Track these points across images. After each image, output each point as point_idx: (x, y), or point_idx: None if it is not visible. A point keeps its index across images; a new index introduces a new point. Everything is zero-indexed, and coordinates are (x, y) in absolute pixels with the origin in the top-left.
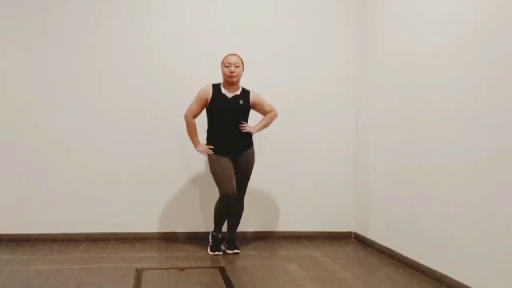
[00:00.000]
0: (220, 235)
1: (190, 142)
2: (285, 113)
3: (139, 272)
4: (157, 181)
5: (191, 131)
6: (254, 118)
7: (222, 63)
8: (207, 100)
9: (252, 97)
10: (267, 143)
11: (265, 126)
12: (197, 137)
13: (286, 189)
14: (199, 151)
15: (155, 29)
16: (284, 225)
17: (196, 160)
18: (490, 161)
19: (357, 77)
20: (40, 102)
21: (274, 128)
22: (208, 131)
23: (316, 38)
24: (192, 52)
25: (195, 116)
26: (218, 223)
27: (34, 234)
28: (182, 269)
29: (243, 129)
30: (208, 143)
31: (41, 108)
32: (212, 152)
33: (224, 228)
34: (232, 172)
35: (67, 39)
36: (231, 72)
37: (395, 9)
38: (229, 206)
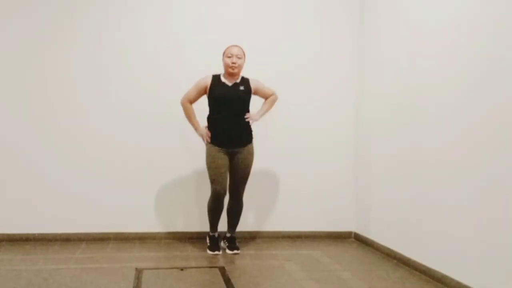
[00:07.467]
0: (216, 234)
1: (191, 142)
2: (285, 112)
3: (139, 272)
4: (157, 181)
5: (189, 116)
6: (254, 109)
7: (224, 53)
8: (205, 88)
9: (252, 84)
10: (267, 142)
11: (267, 110)
12: (196, 121)
13: (286, 189)
14: (200, 135)
15: (157, 26)
16: (284, 225)
17: (196, 160)
18: (491, 161)
19: (358, 76)
20: (40, 103)
21: (274, 127)
22: (208, 119)
23: (317, 36)
24: (194, 49)
25: (190, 102)
26: (212, 222)
27: (34, 234)
28: (182, 269)
29: (248, 119)
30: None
31: (40, 109)
32: (209, 141)
33: (224, 228)
34: (226, 171)
35: (69, 39)
36: (233, 63)
37: (397, 7)
38: (220, 204)
